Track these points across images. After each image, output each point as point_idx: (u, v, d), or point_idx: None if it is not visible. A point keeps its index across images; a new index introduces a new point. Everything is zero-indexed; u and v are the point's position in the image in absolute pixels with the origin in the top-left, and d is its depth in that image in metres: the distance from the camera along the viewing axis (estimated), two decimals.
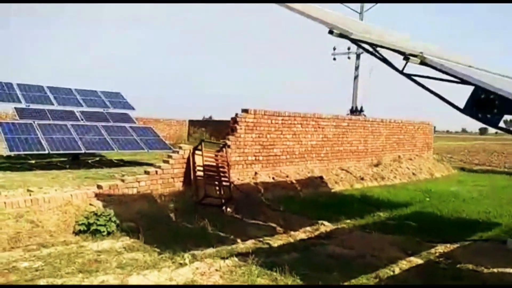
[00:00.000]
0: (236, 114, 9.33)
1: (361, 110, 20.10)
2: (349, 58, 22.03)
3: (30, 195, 7.66)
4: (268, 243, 5.97)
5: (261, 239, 6.16)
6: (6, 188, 8.88)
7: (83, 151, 13.73)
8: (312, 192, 9.84)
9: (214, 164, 8.27)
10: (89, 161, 16.19)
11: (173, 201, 7.60)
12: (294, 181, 9.83)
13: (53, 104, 15.80)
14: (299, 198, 9.30)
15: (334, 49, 22.46)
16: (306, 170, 10.78)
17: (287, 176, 10.06)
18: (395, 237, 6.22)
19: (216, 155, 8.43)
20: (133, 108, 18.01)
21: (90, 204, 6.62)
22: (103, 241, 5.71)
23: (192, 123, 27.52)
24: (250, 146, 9.50)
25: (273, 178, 9.73)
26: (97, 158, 16.81)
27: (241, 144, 9.23)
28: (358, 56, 21.66)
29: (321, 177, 10.66)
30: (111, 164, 15.46)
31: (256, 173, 9.52)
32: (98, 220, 5.91)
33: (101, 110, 16.96)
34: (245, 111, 9.40)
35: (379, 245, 5.71)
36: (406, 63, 4.67)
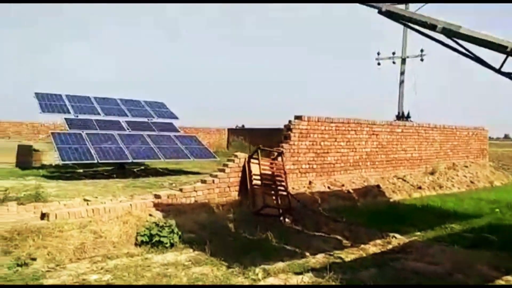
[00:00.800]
0: (290, 121, 9.00)
1: (408, 116, 19.30)
2: (394, 63, 21.32)
3: (87, 204, 7.62)
4: (340, 257, 5.55)
5: (330, 253, 5.75)
6: (61, 197, 8.93)
7: (130, 160, 13.80)
8: (371, 202, 9.33)
9: (270, 172, 7.95)
10: (135, 170, 16.30)
11: (231, 211, 7.32)
12: (351, 190, 9.36)
13: (99, 114, 16.06)
14: (358, 208, 8.81)
15: (378, 53, 21.81)
16: (361, 178, 10.28)
17: (343, 185, 9.61)
18: (480, 252, 5.66)
19: (271, 163, 8.12)
20: (176, 118, 18.08)
21: (150, 215, 6.44)
22: (166, 254, 5.47)
23: (231, 131, 27.42)
24: (304, 154, 9.14)
25: (328, 187, 9.31)
26: (142, 167, 16.91)
27: (295, 152, 8.89)
28: (403, 61, 20.88)
29: (378, 186, 10.12)
30: (156, 173, 15.49)
31: (310, 182, 9.14)
32: (160, 231, 5.69)
33: (145, 119, 17.11)
34: (299, 117, 9.06)
35: (466, 261, 5.18)
36: (506, 59, 4.21)
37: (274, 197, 7.70)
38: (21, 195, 8.53)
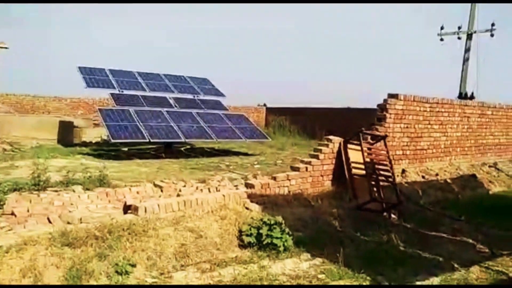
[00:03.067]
0: (384, 100, 7.79)
1: (472, 97, 17.74)
2: (459, 38, 19.53)
3: (161, 191, 6.68)
4: (501, 272, 4.45)
5: (483, 264, 4.64)
6: (124, 181, 8.04)
7: (182, 140, 12.87)
8: (471, 195, 8.14)
9: (369, 160, 6.82)
10: (182, 149, 15.42)
11: (330, 204, 6.27)
12: (448, 181, 8.18)
13: (145, 90, 15.10)
14: (461, 202, 7.64)
15: (442, 28, 20.03)
16: (452, 166, 9.06)
17: (437, 174, 8.42)
18: None
19: (370, 149, 6.98)
20: (223, 95, 16.99)
21: (246, 208, 5.43)
22: (283, 260, 4.48)
23: (269, 110, 26.19)
24: (399, 138, 7.96)
25: (422, 176, 8.15)
26: (188, 146, 15.97)
27: (389, 136, 7.71)
28: (469, 36, 19.12)
29: (473, 176, 8.91)
30: (205, 153, 14.54)
31: (404, 170, 7.98)
32: (271, 231, 4.68)
33: (191, 96, 16.11)
34: (394, 96, 7.84)
35: None
36: None
37: (375, 189, 6.59)
38: (81, 177, 7.64)
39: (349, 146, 6.83)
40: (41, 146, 14.42)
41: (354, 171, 6.61)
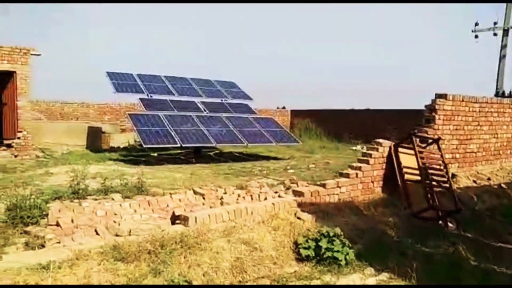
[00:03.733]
0: (432, 101, 7.36)
1: (510, 96, 16.97)
2: (495, 34, 18.78)
3: (203, 198, 6.42)
4: None
5: None
6: (161, 187, 7.83)
7: (214, 145, 12.66)
8: None
9: (421, 164, 6.40)
10: (211, 153, 15.23)
11: (383, 212, 5.89)
12: (503, 186, 7.67)
13: (173, 94, 14.99)
14: None
15: (476, 24, 19.31)
16: (503, 170, 8.54)
17: (489, 179, 7.93)
18: None
19: (422, 153, 6.56)
20: (250, 98, 16.74)
21: (298, 218, 5.11)
22: (346, 276, 4.13)
23: (294, 113, 25.81)
24: (448, 141, 7.51)
25: (474, 181, 7.67)
26: (217, 151, 15.77)
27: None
28: (505, 32, 18.36)
29: None
30: (234, 157, 14.31)
31: (454, 175, 7.52)
32: (331, 243, 4.34)
33: (219, 100, 15.91)
34: (442, 96, 7.40)
35: None
36: None
37: (429, 195, 6.17)
38: (118, 184, 7.46)
39: (400, 149, 6.44)
40: (71, 152, 14.45)
41: (406, 176, 6.21)
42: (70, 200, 6.29)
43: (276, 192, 7.15)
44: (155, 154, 14.52)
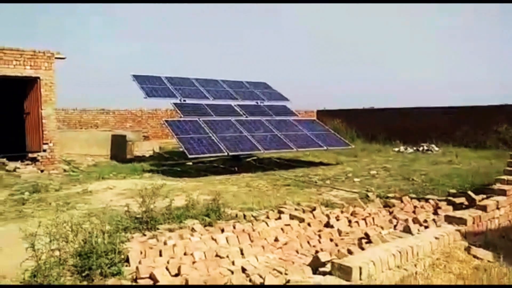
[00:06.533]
0: None
1: None
2: None
3: (309, 225, 5.09)
4: None
5: None
6: (233, 207, 6.50)
7: (262, 152, 11.34)
8: None
9: None
10: (248, 160, 13.90)
11: None
12: None
13: (208, 98, 13.70)
14: None
15: None
16: None
17: None
18: None
19: None
20: (287, 99, 15.46)
21: (474, 256, 3.77)
22: None
23: (321, 113, 24.47)
24: None
25: None
26: (254, 157, 14.41)
27: None
28: None
29: None
30: (277, 164, 12.97)
31: None
32: None
33: (254, 102, 14.62)
34: None
35: None
36: None
37: None
38: (183, 206, 6.12)
39: None
40: (97, 163, 13.17)
41: None
42: (142, 233, 4.98)
43: (379, 211, 5.83)
44: (190, 163, 13.17)
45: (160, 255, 3.96)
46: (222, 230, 4.86)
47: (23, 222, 6.00)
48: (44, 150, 11.11)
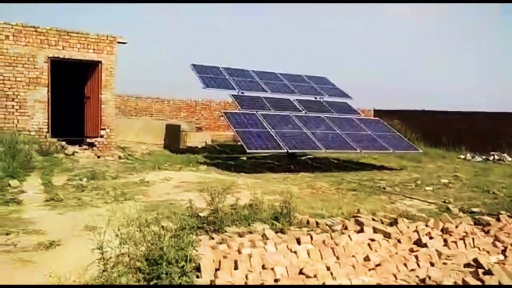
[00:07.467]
0: None
1: None
2: None
3: (399, 241, 4.39)
4: None
5: None
6: (300, 211, 5.90)
7: (323, 151, 10.65)
8: None
9: None
10: (305, 159, 13.24)
11: None
12: None
13: (265, 91, 13.15)
14: None
15: None
16: None
17: None
18: None
19: None
20: (349, 96, 14.61)
21: None
22: None
23: (378, 113, 23.26)
24: None
25: None
26: (310, 156, 13.70)
27: None
28: None
29: None
30: (336, 165, 12.21)
31: None
32: None
33: (313, 98, 13.90)
34: None
35: None
36: None
37: None
38: (249, 206, 5.60)
39: None
40: (151, 152, 13.02)
41: None
42: (209, 236, 4.50)
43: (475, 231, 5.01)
44: (244, 158, 12.71)
45: (236, 267, 3.44)
46: (298, 240, 4.28)
47: (82, 210, 5.74)
48: (102, 136, 11.04)
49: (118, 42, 11.05)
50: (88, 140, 11.13)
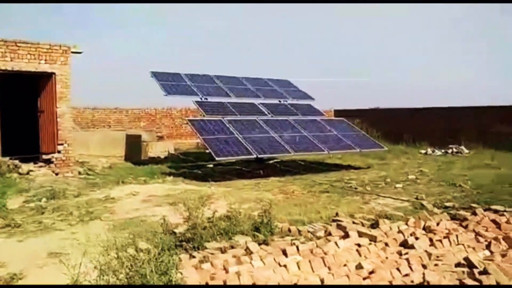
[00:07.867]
0: None
1: None
2: None
3: (386, 245, 4.29)
4: None
5: None
6: (279, 219, 5.71)
7: (291, 154, 10.54)
8: None
9: None
10: (273, 163, 13.09)
11: None
12: None
13: (229, 96, 12.92)
14: None
15: None
16: None
17: None
18: None
19: None
20: (312, 98, 14.64)
21: None
22: None
23: (339, 113, 23.58)
24: None
25: None
26: (277, 160, 13.58)
27: None
28: None
29: None
30: (304, 167, 12.16)
31: None
32: None
33: (277, 101, 13.83)
34: None
35: None
36: None
37: None
38: (234, 216, 5.34)
39: None
40: (113, 165, 12.40)
41: None
42: (189, 254, 4.20)
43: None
44: (210, 165, 12.39)
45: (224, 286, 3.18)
46: (284, 251, 4.08)
47: (44, 235, 5.26)
48: (59, 151, 10.37)
49: (73, 52, 10.44)
50: (44, 156, 10.41)
